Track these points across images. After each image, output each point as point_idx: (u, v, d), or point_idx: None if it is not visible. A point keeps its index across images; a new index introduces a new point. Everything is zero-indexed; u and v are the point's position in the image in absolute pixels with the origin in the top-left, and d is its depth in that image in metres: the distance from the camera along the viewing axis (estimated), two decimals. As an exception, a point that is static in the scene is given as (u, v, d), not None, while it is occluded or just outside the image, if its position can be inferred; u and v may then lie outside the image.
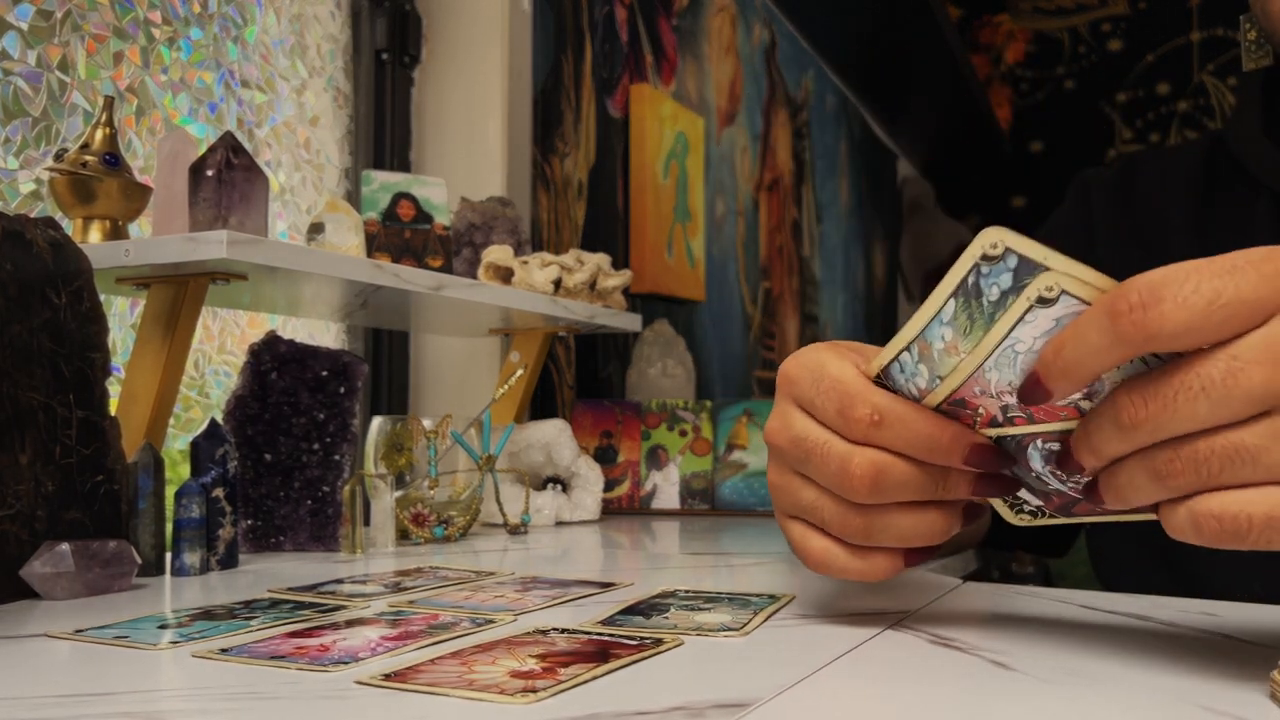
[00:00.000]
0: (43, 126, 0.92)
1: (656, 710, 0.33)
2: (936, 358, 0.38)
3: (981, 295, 0.36)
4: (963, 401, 0.39)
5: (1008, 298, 0.35)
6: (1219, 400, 0.33)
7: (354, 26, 1.35)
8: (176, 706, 0.35)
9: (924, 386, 0.40)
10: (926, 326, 0.38)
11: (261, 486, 0.79)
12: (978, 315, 0.36)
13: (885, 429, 0.41)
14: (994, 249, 0.35)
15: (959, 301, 0.36)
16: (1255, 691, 0.35)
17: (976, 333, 0.37)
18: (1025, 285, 0.35)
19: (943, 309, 0.37)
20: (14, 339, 0.58)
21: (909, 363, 0.39)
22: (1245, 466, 0.33)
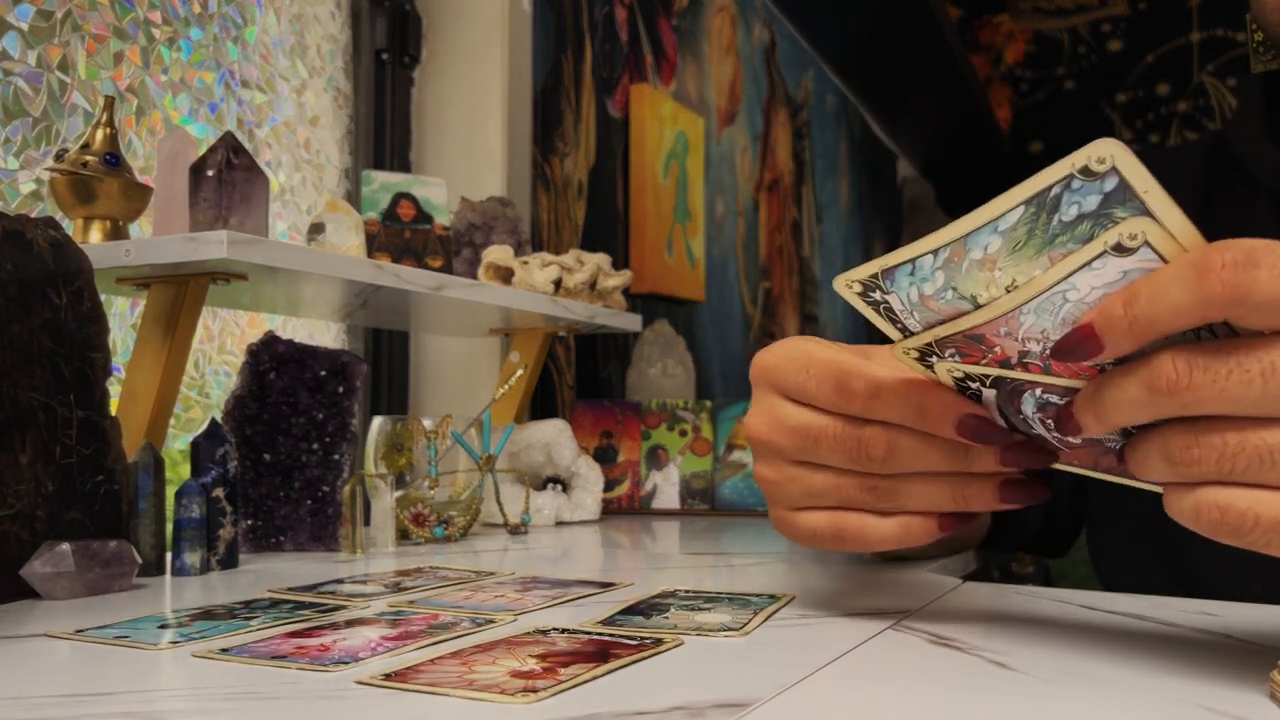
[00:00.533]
0: (43, 127, 0.92)
1: (656, 710, 0.33)
2: (964, 268, 0.35)
3: (1057, 211, 0.32)
4: (981, 338, 0.37)
5: (1082, 222, 0.32)
6: (1275, 394, 0.31)
7: (354, 26, 1.35)
8: (176, 706, 0.35)
9: (928, 293, 0.36)
10: (975, 230, 0.34)
11: (261, 486, 0.79)
12: (1039, 233, 0.32)
13: (880, 400, 0.41)
14: (1100, 164, 0.31)
15: (1027, 211, 0.32)
16: (1255, 691, 0.35)
17: (1027, 251, 0.33)
18: (1108, 214, 0.31)
19: (1005, 215, 0.33)
20: (14, 339, 0.58)
21: (926, 265, 0.35)
22: (1273, 471, 0.31)
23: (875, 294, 0.38)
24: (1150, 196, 0.31)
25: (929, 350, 0.39)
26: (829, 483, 0.44)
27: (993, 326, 0.36)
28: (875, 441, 0.42)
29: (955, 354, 0.39)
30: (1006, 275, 0.34)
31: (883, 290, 0.38)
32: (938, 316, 0.37)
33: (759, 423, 0.46)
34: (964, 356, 0.39)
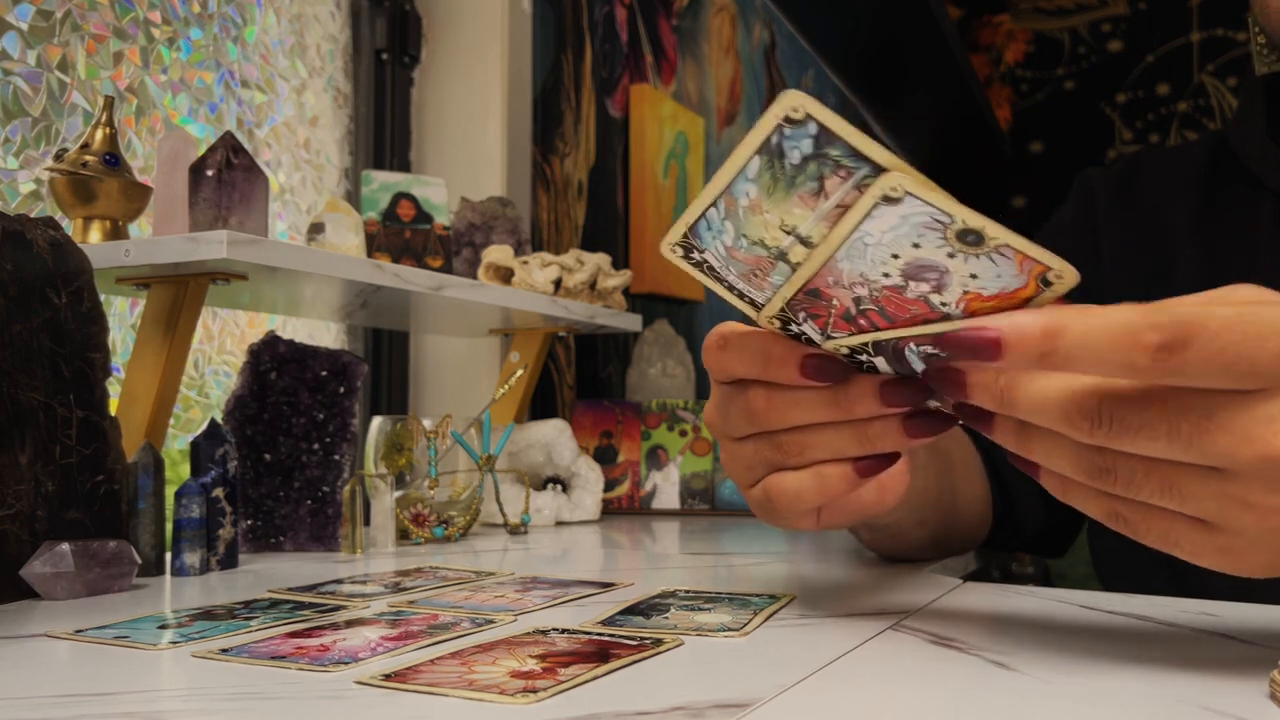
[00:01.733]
0: (43, 126, 0.92)
1: (656, 710, 0.33)
2: (741, 215, 0.38)
3: (784, 157, 0.36)
4: (816, 292, 0.39)
5: (808, 164, 0.36)
6: (1180, 450, 0.33)
7: (354, 26, 1.35)
8: (176, 707, 0.35)
9: (730, 244, 0.40)
10: (733, 181, 0.37)
11: (261, 486, 0.79)
12: (780, 176, 0.36)
13: (729, 351, 0.43)
14: (795, 113, 0.35)
15: (763, 160, 0.36)
16: (1255, 691, 0.35)
17: (778, 194, 0.37)
18: (824, 155, 0.35)
19: (747, 165, 0.37)
20: (14, 339, 0.58)
21: (715, 219, 0.39)
22: (1171, 500, 0.34)
23: (694, 254, 0.41)
24: (848, 136, 0.34)
25: (787, 319, 0.41)
26: (751, 451, 0.46)
27: (820, 278, 0.39)
28: (755, 398, 0.44)
29: (806, 316, 0.41)
30: (775, 216, 0.38)
31: (697, 249, 0.41)
32: (747, 266, 0.40)
33: (706, 408, 0.48)
34: (815, 318, 0.41)
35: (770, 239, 0.39)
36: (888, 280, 0.38)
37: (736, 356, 0.43)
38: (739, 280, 0.41)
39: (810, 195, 0.36)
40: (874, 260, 0.37)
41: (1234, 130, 0.72)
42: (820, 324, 0.41)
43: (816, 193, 0.36)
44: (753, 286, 0.41)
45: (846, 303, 0.39)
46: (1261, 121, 0.69)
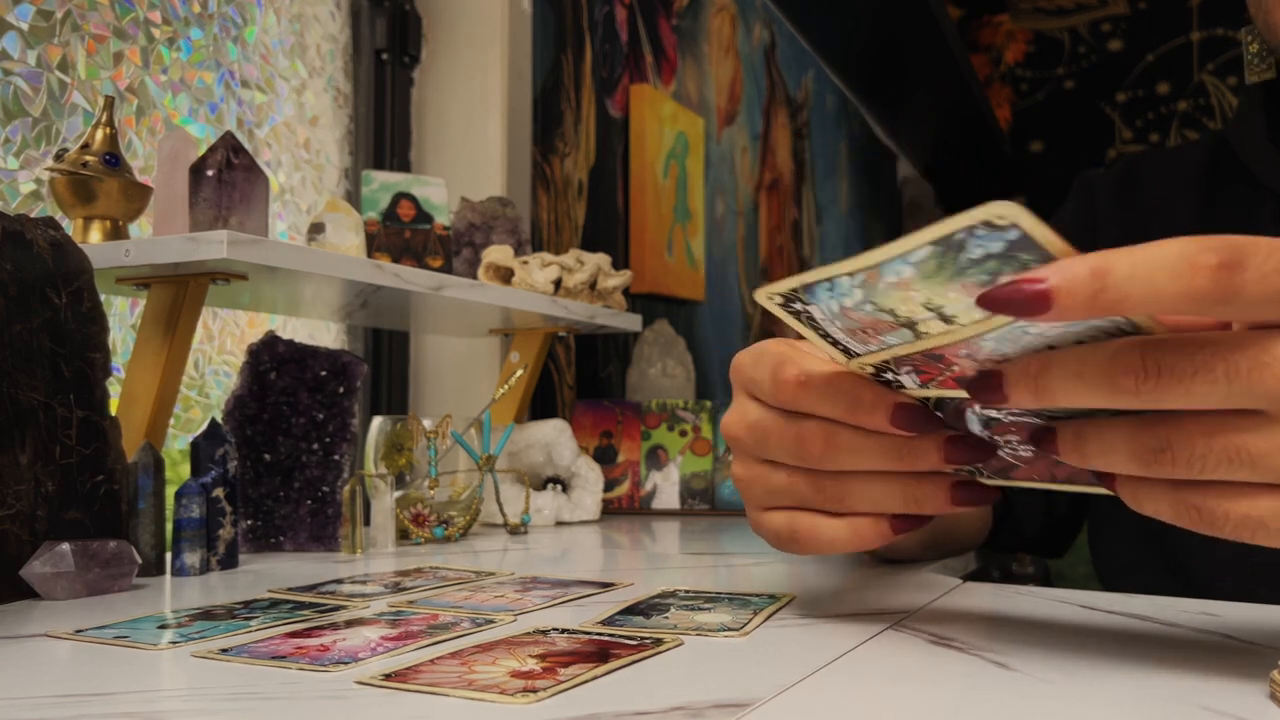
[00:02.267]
0: (43, 126, 0.92)
1: (656, 710, 0.33)
2: (880, 289, 0.36)
3: (964, 251, 0.33)
4: (940, 357, 0.38)
5: (989, 261, 0.33)
6: (1239, 393, 0.31)
7: (354, 26, 1.35)
8: (176, 707, 0.35)
9: (848, 305, 0.37)
10: (888, 261, 0.35)
11: (261, 486, 0.79)
12: (948, 266, 0.33)
13: (811, 389, 0.41)
14: (1000, 220, 0.32)
15: (934, 250, 0.33)
16: (1255, 691, 0.35)
17: (939, 279, 0.34)
18: (1014, 257, 0.32)
19: (913, 252, 0.34)
20: (14, 339, 0.58)
21: (844, 284, 0.37)
22: (1241, 470, 0.32)
23: (796, 304, 0.39)
24: (1053, 248, 0.32)
25: (885, 367, 0.40)
26: (784, 481, 0.45)
27: (953, 349, 0.37)
28: (813, 436, 0.42)
29: (912, 370, 0.39)
30: (921, 295, 0.35)
31: (803, 302, 0.39)
32: (858, 324, 0.38)
33: (730, 419, 0.46)
34: (921, 373, 0.39)
35: (904, 311, 0.36)
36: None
37: (820, 397, 0.41)
38: (840, 333, 0.39)
39: (976, 286, 0.34)
40: (1025, 347, 0.35)
41: (1234, 131, 0.72)
42: (924, 379, 0.39)
43: (985, 285, 0.33)
44: (856, 341, 0.39)
45: (969, 372, 0.37)
46: (1261, 124, 0.70)
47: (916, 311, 0.36)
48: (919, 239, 0.33)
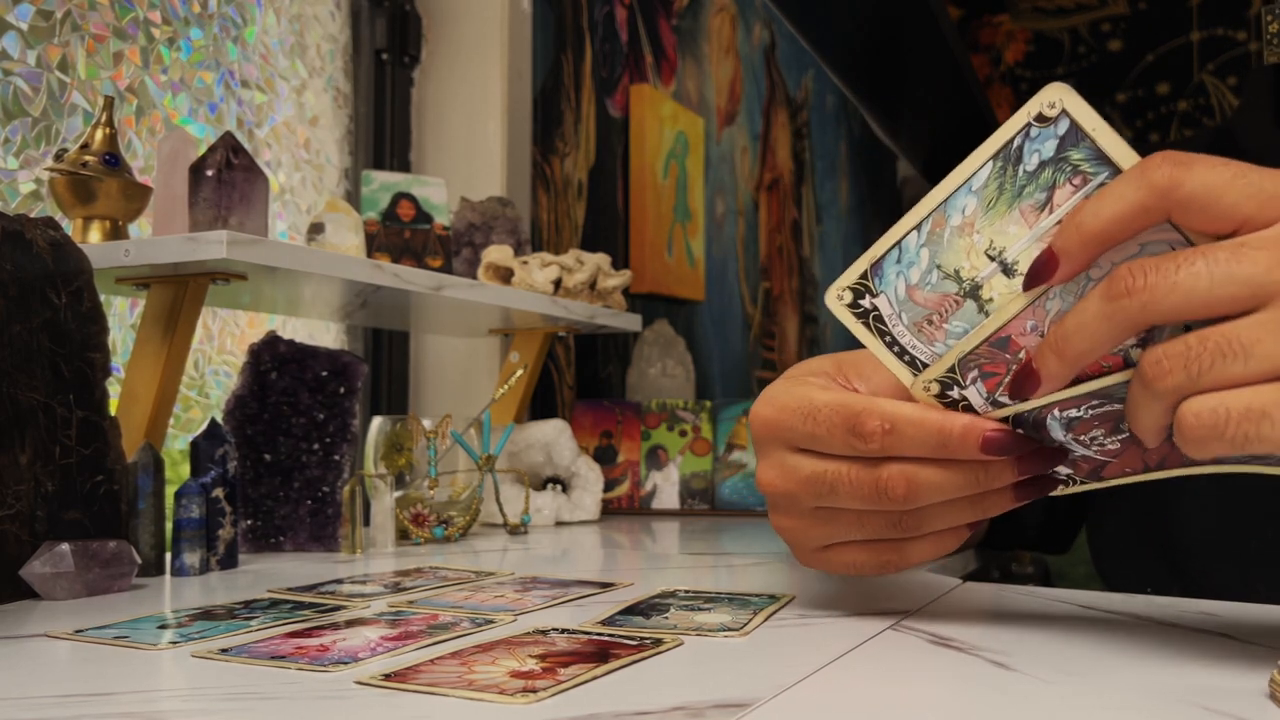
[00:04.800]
0: (43, 126, 0.92)
1: (656, 710, 0.33)
2: (945, 238, 0.36)
3: (1020, 163, 0.34)
4: (1005, 342, 0.37)
5: (1044, 170, 0.33)
6: (1221, 279, 0.32)
7: (354, 26, 1.35)
8: (176, 707, 0.35)
9: (914, 282, 0.37)
10: (953, 194, 0.35)
11: (261, 487, 0.79)
12: (1008, 187, 0.34)
13: (898, 435, 0.41)
14: (1051, 109, 0.33)
15: (995, 166, 0.34)
16: (1255, 691, 0.35)
17: (999, 207, 0.34)
18: (1065, 159, 0.33)
19: (977, 172, 0.34)
20: (14, 339, 0.58)
21: (911, 246, 0.36)
22: (1236, 363, 0.32)
23: (865, 299, 0.39)
24: (1099, 134, 0.33)
25: (950, 381, 0.39)
26: (853, 522, 0.44)
27: (1019, 321, 0.36)
28: (895, 482, 0.42)
29: (978, 376, 0.39)
30: (984, 238, 0.35)
31: (871, 292, 0.38)
32: (924, 311, 0.38)
33: (772, 476, 0.45)
34: (987, 378, 0.38)
35: (968, 269, 0.36)
36: None
37: (908, 440, 0.41)
38: (908, 331, 0.39)
39: (1034, 209, 0.34)
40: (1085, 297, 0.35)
41: (1239, 124, 0.72)
42: (991, 385, 0.39)
43: (1042, 206, 0.34)
44: (923, 338, 0.39)
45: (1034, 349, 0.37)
46: (1268, 112, 0.70)
47: (980, 265, 0.36)
48: (979, 156, 0.34)
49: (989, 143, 0.34)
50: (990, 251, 0.35)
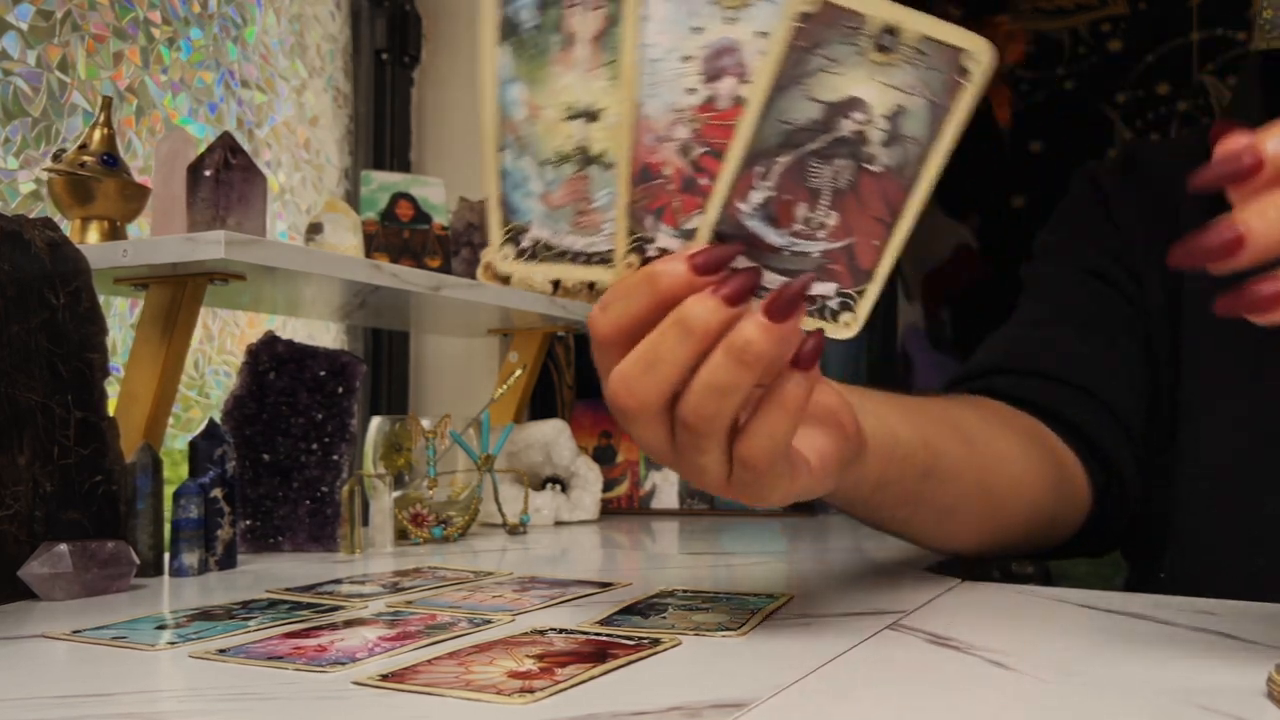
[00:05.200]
0: (42, 127, 0.92)
1: (654, 710, 0.33)
2: (527, 137, 0.35)
3: (519, 27, 0.33)
4: (646, 172, 0.35)
5: (545, 12, 0.33)
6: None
7: (354, 26, 1.35)
8: (174, 707, 0.35)
9: (542, 190, 0.35)
10: (498, 95, 0.34)
11: (260, 487, 0.79)
12: (527, 49, 0.33)
13: (613, 306, 0.38)
14: None
15: (506, 49, 0.33)
16: (1255, 691, 0.34)
17: (540, 72, 0.34)
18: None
19: (497, 65, 0.34)
20: (12, 339, 0.58)
21: (515, 167, 0.35)
22: None
23: (524, 240, 0.37)
24: None
25: (639, 240, 0.37)
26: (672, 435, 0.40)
27: (640, 148, 0.35)
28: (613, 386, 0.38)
29: (654, 220, 0.37)
30: (554, 109, 0.35)
31: (520, 230, 0.37)
32: (569, 208, 0.37)
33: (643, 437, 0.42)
34: (661, 212, 0.37)
35: (563, 143, 0.35)
36: (694, 97, 0.35)
37: (625, 305, 0.37)
38: (575, 238, 0.37)
39: (564, 50, 0.34)
40: (668, 76, 0.34)
41: (1229, 119, 0.72)
42: (670, 218, 0.37)
43: (566, 44, 0.33)
44: (588, 231, 0.37)
45: (677, 162, 0.36)
46: (1258, 104, 0.70)
47: (569, 131, 0.35)
48: (484, 44, 0.33)
49: (485, 29, 0.34)
50: (570, 114, 0.35)
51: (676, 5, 0.33)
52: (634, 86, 0.34)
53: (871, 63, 0.34)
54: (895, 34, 0.34)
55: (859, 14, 0.33)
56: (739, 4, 0.34)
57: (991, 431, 0.62)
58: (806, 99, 0.35)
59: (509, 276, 0.38)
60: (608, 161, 0.36)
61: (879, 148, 0.35)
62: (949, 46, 0.34)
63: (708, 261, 0.36)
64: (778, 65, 0.34)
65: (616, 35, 0.34)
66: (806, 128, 0.35)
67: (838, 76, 0.34)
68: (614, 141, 0.35)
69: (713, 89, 0.35)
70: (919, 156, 0.36)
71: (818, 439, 0.43)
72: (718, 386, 0.37)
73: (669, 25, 0.34)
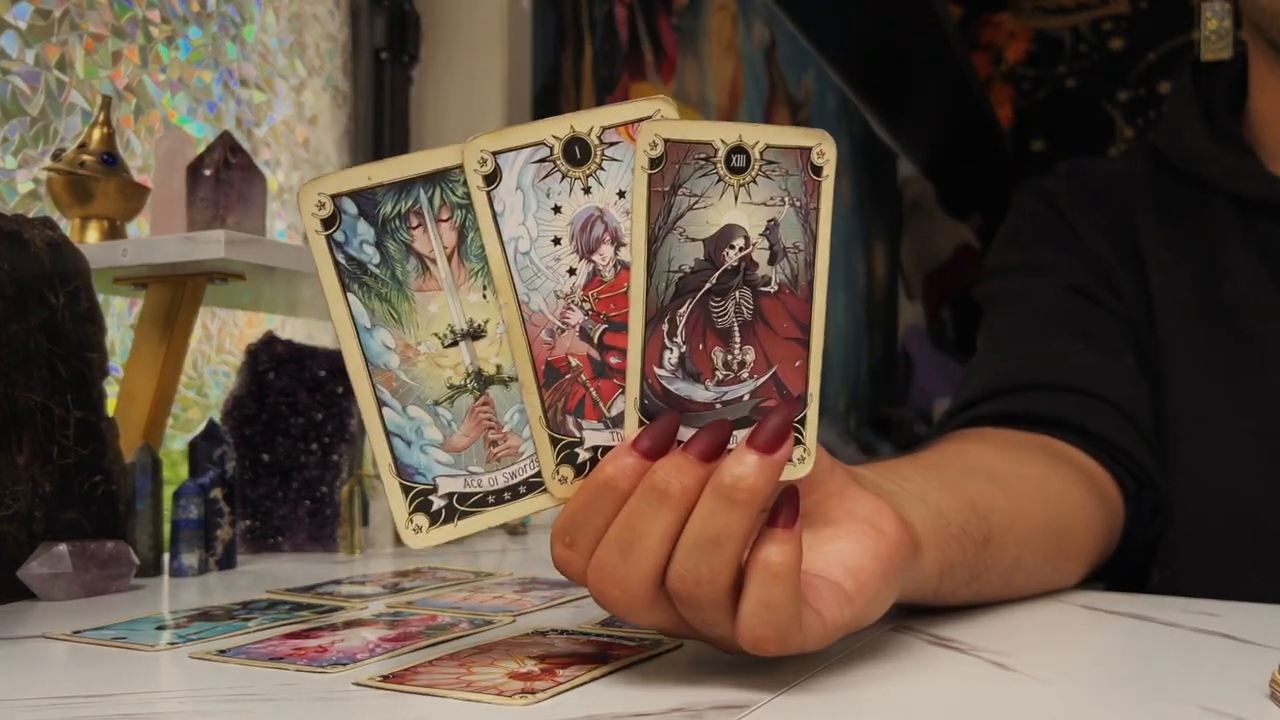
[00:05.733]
0: (41, 126, 0.92)
1: (655, 712, 0.33)
2: (411, 381, 0.32)
3: (364, 266, 0.31)
4: (551, 369, 0.33)
5: (383, 246, 0.31)
6: None
7: (353, 25, 1.35)
8: (174, 708, 0.35)
9: (443, 439, 0.32)
10: (364, 348, 0.31)
11: (260, 487, 0.79)
12: (383, 287, 0.31)
13: (577, 534, 0.35)
14: (321, 209, 0.30)
15: (351, 290, 0.31)
16: (1255, 691, 0.34)
17: (404, 309, 0.31)
18: (378, 216, 0.30)
19: (354, 312, 0.31)
20: (11, 339, 0.58)
21: (404, 422, 0.32)
22: None
23: (432, 500, 0.34)
24: (382, 174, 0.31)
25: (567, 448, 0.34)
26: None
27: (536, 344, 0.33)
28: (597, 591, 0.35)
29: (574, 420, 0.34)
30: (428, 342, 0.32)
31: (431, 490, 0.34)
32: (477, 441, 0.34)
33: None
34: (582, 410, 0.34)
35: (454, 374, 0.33)
36: (578, 277, 0.33)
37: (591, 529, 0.34)
38: (495, 475, 0.34)
39: (419, 275, 0.31)
40: (544, 264, 0.33)
41: (1168, 138, 0.72)
42: (592, 412, 0.35)
43: (422, 269, 0.31)
44: (507, 460, 0.34)
45: (581, 351, 0.34)
46: (1200, 125, 0.70)
47: (456, 358, 0.33)
48: (333, 299, 0.31)
49: (326, 282, 0.31)
50: (446, 341, 0.33)
51: (528, 192, 0.32)
52: (512, 286, 0.33)
53: (731, 186, 0.33)
54: (743, 151, 0.33)
55: (704, 143, 0.33)
56: (589, 170, 0.33)
57: (1020, 465, 0.59)
58: (686, 241, 0.34)
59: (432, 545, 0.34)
60: (507, 376, 0.33)
61: (767, 267, 0.34)
62: (793, 148, 0.34)
63: (654, 443, 0.34)
64: (646, 217, 0.33)
65: (476, 241, 0.32)
66: (696, 270, 0.34)
67: (707, 209, 0.34)
68: (508, 352, 0.33)
69: (593, 262, 0.33)
70: (807, 262, 0.35)
71: (850, 556, 0.38)
72: (708, 538, 0.33)
73: (527, 214, 0.32)
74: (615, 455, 0.34)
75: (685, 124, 0.33)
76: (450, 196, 0.32)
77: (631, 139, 0.33)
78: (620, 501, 0.34)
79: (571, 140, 0.33)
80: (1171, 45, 3.57)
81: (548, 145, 0.32)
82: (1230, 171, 0.68)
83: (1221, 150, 0.69)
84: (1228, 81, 0.72)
